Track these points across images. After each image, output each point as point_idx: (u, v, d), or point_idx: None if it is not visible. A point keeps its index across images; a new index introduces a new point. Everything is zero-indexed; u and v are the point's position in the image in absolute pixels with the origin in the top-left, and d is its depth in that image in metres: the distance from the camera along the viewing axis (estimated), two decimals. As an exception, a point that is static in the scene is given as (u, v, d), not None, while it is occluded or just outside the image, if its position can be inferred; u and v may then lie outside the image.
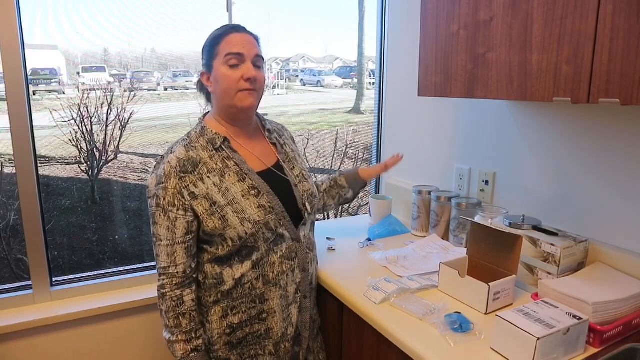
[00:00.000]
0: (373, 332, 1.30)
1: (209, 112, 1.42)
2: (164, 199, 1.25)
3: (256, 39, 1.35)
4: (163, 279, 1.29)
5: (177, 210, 1.25)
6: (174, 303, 1.28)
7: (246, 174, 1.32)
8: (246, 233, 1.27)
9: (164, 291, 1.28)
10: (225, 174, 1.30)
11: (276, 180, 1.37)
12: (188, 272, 1.29)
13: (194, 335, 1.29)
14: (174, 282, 1.28)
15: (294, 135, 1.61)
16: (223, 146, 1.33)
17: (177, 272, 1.27)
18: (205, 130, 1.35)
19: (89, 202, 4.13)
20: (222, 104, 1.34)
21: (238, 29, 1.33)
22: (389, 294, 1.34)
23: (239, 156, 1.34)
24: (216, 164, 1.30)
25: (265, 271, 1.32)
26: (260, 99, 1.37)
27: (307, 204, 1.40)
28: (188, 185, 1.26)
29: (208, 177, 1.28)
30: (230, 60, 1.28)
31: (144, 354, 1.91)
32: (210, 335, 1.36)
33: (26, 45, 1.61)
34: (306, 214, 1.39)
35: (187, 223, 1.26)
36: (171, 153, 1.30)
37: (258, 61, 1.32)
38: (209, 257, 1.32)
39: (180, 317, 1.28)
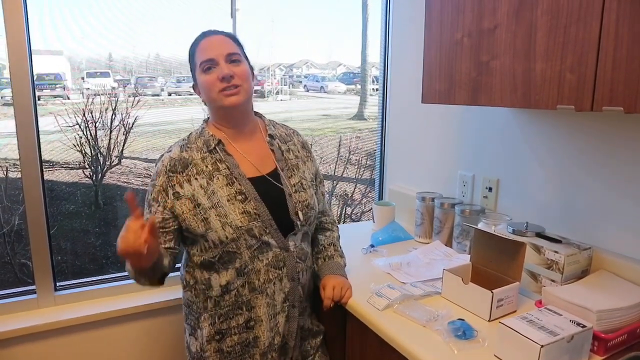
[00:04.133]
0: (376, 338, 1.30)
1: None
2: (151, 194, 1.32)
3: (230, 36, 1.36)
4: None
5: (158, 205, 1.30)
6: None
7: (236, 178, 1.32)
8: (227, 237, 1.27)
9: None
10: (214, 177, 1.31)
11: (269, 188, 1.36)
12: None
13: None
14: None
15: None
16: (217, 148, 1.34)
17: None
18: (203, 131, 1.37)
19: (92, 207, 4.13)
20: (212, 109, 1.37)
21: (206, 34, 1.35)
22: (392, 300, 1.34)
23: (232, 159, 1.34)
24: (206, 166, 1.32)
25: (251, 278, 1.32)
26: (249, 92, 1.35)
27: (299, 213, 1.37)
28: (174, 185, 1.30)
29: (196, 178, 1.30)
30: (205, 67, 1.31)
31: (148, 358, 1.91)
32: (202, 340, 1.37)
33: (32, 51, 1.62)
34: (298, 224, 1.37)
35: (162, 219, 1.30)
36: (168, 152, 1.35)
37: (233, 58, 1.32)
38: (197, 260, 1.34)
39: None
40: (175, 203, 1.29)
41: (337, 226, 1.63)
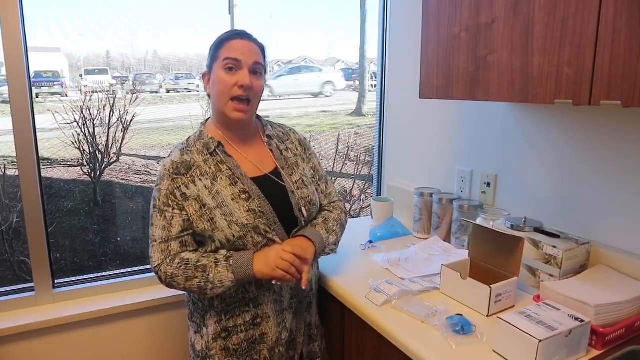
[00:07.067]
0: (375, 334, 1.30)
1: (210, 117, 1.44)
2: (159, 200, 1.30)
3: (261, 47, 1.36)
4: (160, 275, 1.30)
5: (173, 209, 1.28)
6: (182, 269, 1.26)
7: (238, 178, 1.32)
8: (234, 236, 1.27)
9: (167, 274, 1.28)
10: (217, 177, 1.31)
11: (272, 186, 1.36)
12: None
13: (217, 256, 1.27)
14: (169, 262, 1.28)
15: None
16: (217, 150, 1.34)
17: (171, 261, 1.28)
18: (202, 134, 1.37)
19: (91, 204, 4.13)
20: (216, 109, 1.36)
21: (242, 35, 1.34)
22: (391, 296, 1.34)
23: (232, 160, 1.34)
24: (209, 168, 1.32)
25: None
26: (256, 109, 1.37)
27: (303, 209, 1.38)
28: (180, 186, 1.29)
29: (200, 179, 1.30)
30: (227, 65, 1.29)
31: (147, 355, 1.91)
32: (207, 339, 1.36)
33: (29, 48, 1.61)
34: (302, 221, 1.38)
35: (183, 221, 1.29)
36: (168, 157, 1.35)
37: (257, 69, 1.32)
38: None
39: (197, 266, 1.26)
40: (185, 204, 1.28)
41: (342, 209, 1.53)
